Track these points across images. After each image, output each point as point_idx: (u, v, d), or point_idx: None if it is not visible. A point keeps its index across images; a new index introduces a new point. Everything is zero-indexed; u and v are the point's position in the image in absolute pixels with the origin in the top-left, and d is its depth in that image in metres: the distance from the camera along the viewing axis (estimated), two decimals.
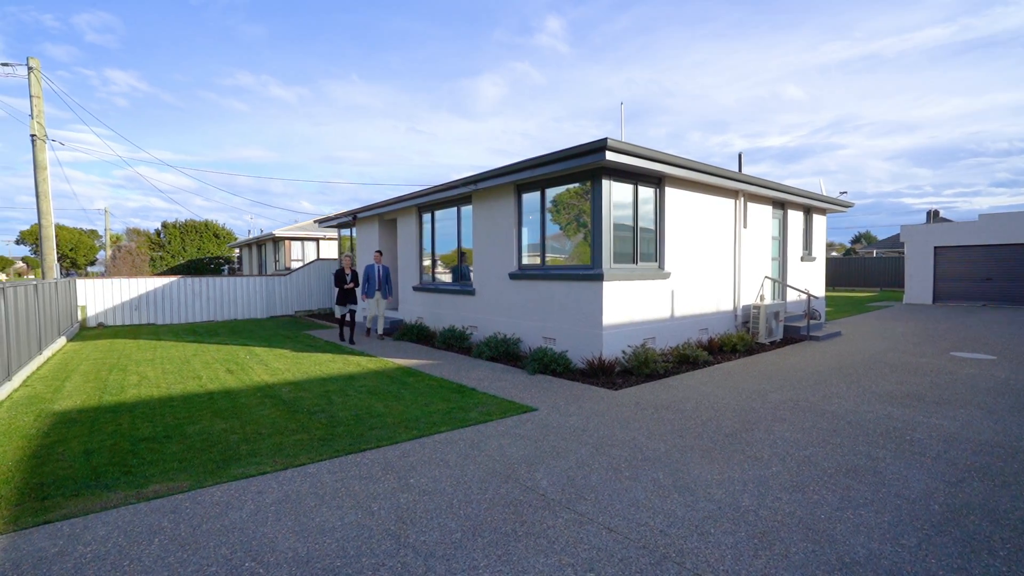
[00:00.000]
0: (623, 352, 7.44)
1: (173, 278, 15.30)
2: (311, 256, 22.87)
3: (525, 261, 9.02)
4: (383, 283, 11.05)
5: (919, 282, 19.67)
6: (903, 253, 23.65)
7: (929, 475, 3.66)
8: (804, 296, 11.06)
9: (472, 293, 10.09)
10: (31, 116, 13.02)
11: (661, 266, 8.36)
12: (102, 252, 34.95)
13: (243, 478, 3.72)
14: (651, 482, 3.57)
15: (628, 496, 3.36)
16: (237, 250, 30.46)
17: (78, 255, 35.84)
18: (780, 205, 11.33)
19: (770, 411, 5.28)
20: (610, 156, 6.84)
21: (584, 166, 7.32)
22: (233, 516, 3.13)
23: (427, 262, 12.07)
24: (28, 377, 7.25)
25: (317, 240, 22.88)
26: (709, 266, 9.23)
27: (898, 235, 20.96)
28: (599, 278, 7.31)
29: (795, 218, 11.83)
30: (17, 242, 35.85)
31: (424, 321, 11.66)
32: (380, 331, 11.26)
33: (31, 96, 13.07)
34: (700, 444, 4.32)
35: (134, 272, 27.51)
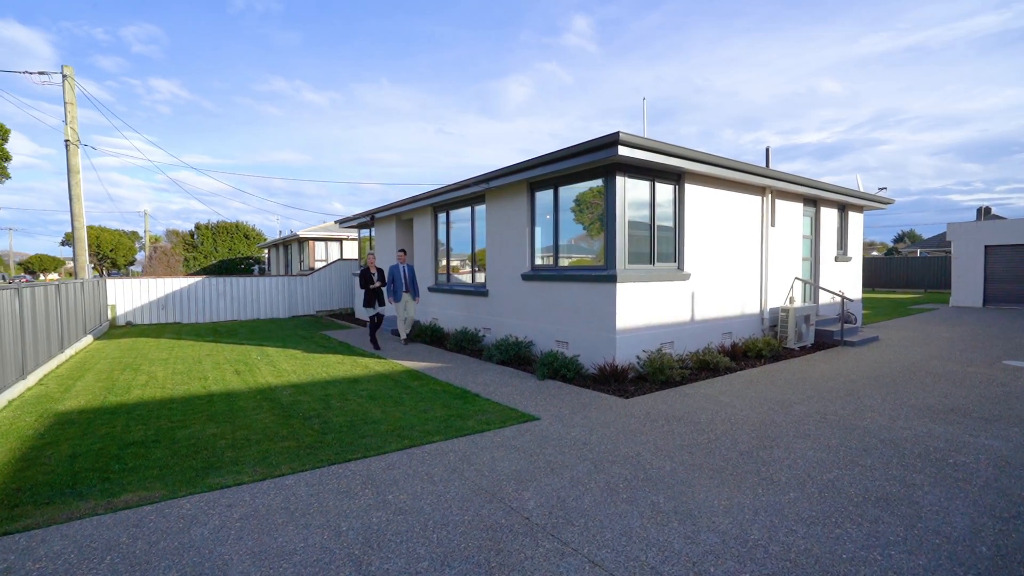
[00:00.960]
0: (637, 357, 7.05)
1: (198, 278, 15.61)
2: (335, 256, 23.10)
3: (538, 262, 8.71)
4: (410, 284, 10.33)
5: (968, 283, 18.38)
6: (950, 252, 22.22)
7: (976, 508, 3.19)
8: (838, 298, 10.37)
9: (485, 294, 9.84)
10: (64, 122, 13.47)
11: (680, 267, 7.92)
12: (141, 252, 36.33)
13: (218, 488, 3.56)
14: (650, 507, 3.22)
15: (622, 523, 3.03)
16: (266, 251, 31.13)
17: (118, 255, 37.43)
18: (812, 202, 10.66)
19: (793, 425, 4.83)
20: (623, 151, 6.47)
21: (597, 162, 6.98)
22: (195, 533, 2.95)
23: (442, 262, 11.89)
24: (45, 375, 7.38)
25: (340, 241, 23.10)
26: (733, 267, 8.72)
27: (944, 233, 19.67)
28: (612, 279, 6.95)
29: (829, 216, 11.13)
30: (62, 243, 37.70)
31: (439, 322, 11.49)
32: (404, 336, 10.46)
33: (65, 103, 13.53)
34: (710, 463, 3.93)
35: (168, 272, 28.43)
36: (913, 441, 4.37)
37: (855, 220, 12.10)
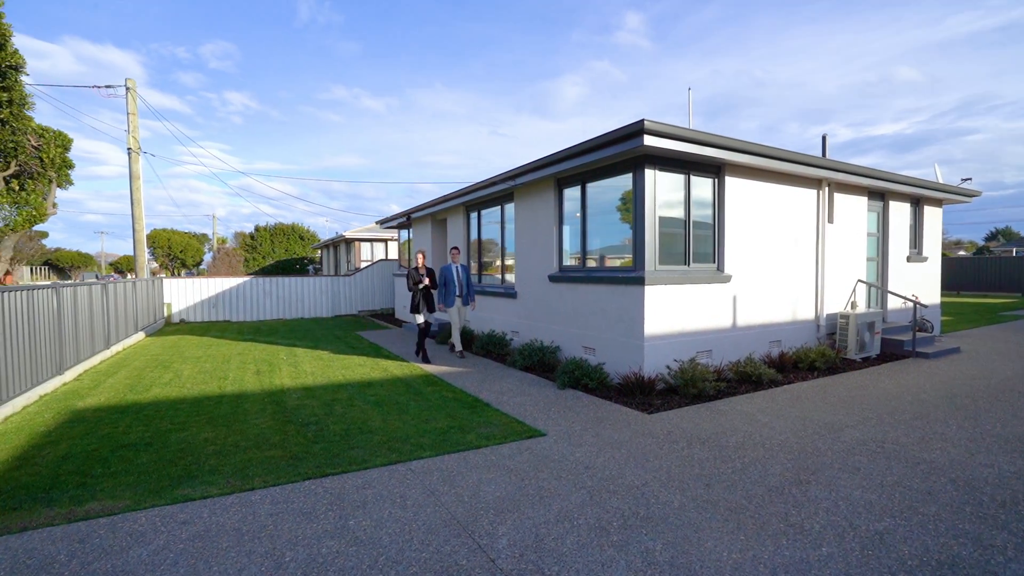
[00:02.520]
0: (667, 367, 6.41)
1: (246, 278, 16.22)
2: (380, 256, 23.48)
3: (566, 262, 8.22)
4: (465, 287, 8.97)
5: None
6: None
7: None
8: (910, 303, 9.15)
9: (514, 296, 9.45)
10: (127, 131, 14.33)
11: (720, 268, 7.17)
12: (209, 254, 38.75)
13: (183, 501, 3.37)
14: (642, 555, 2.70)
15: None
16: (319, 251, 32.27)
17: (187, 256, 40.28)
18: (879, 196, 9.48)
19: (840, 455, 4.09)
20: (650, 141, 5.88)
21: (623, 154, 6.42)
22: (133, 555, 2.74)
23: (474, 263, 11.62)
24: (84, 372, 7.71)
25: (385, 241, 23.45)
26: (782, 268, 7.84)
27: None
28: (640, 281, 6.36)
29: (899, 211, 9.87)
30: None
31: (469, 324, 11.21)
32: (459, 347, 9.01)
33: (127, 113, 14.39)
34: (729, 499, 3.33)
35: (230, 271, 30.06)
36: (995, 484, 3.55)
37: (932, 215, 10.69)
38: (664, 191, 6.64)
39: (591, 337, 7.36)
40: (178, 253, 39.70)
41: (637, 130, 5.85)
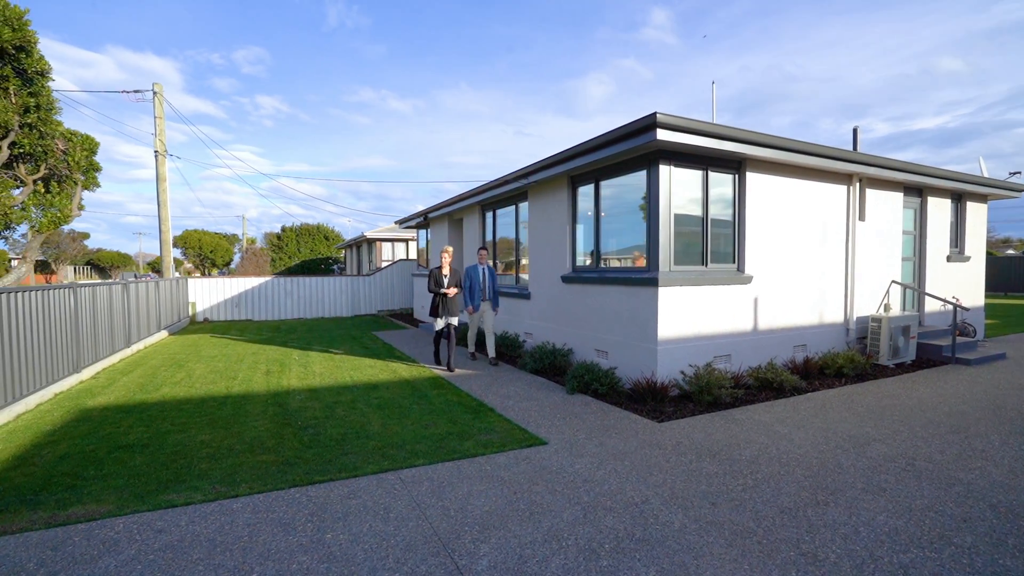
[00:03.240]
0: (682, 373, 6.10)
1: (267, 278, 16.47)
2: (401, 256, 23.59)
3: (580, 262, 7.98)
4: (490, 290, 8.40)
5: None
6: None
7: None
8: (950, 306, 8.55)
9: (528, 297, 9.24)
10: (154, 135, 14.72)
11: (740, 268, 6.82)
12: (239, 254, 39.79)
13: (165, 507, 3.29)
14: None
15: None
16: (344, 251, 32.71)
17: (216, 256, 41.50)
18: (916, 191, 8.91)
19: (864, 472, 3.75)
20: (664, 135, 5.60)
21: (636, 150, 6.15)
22: (101, 565, 2.66)
23: (489, 263, 11.46)
24: (102, 370, 7.86)
25: (406, 241, 23.54)
26: (808, 268, 7.41)
27: None
28: (653, 282, 6.07)
29: (939, 207, 9.25)
30: (172, 245, 42.51)
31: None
32: (493, 353, 8.38)
33: (155, 117, 14.78)
34: (736, 521, 3.06)
35: (257, 271, 30.75)
36: None
37: (976, 212, 10.00)
38: (680, 188, 6.33)
39: (604, 340, 7.10)
40: (208, 253, 40.95)
41: (649, 124, 5.58)
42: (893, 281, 8.44)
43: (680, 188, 6.33)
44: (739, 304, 6.75)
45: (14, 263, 9.33)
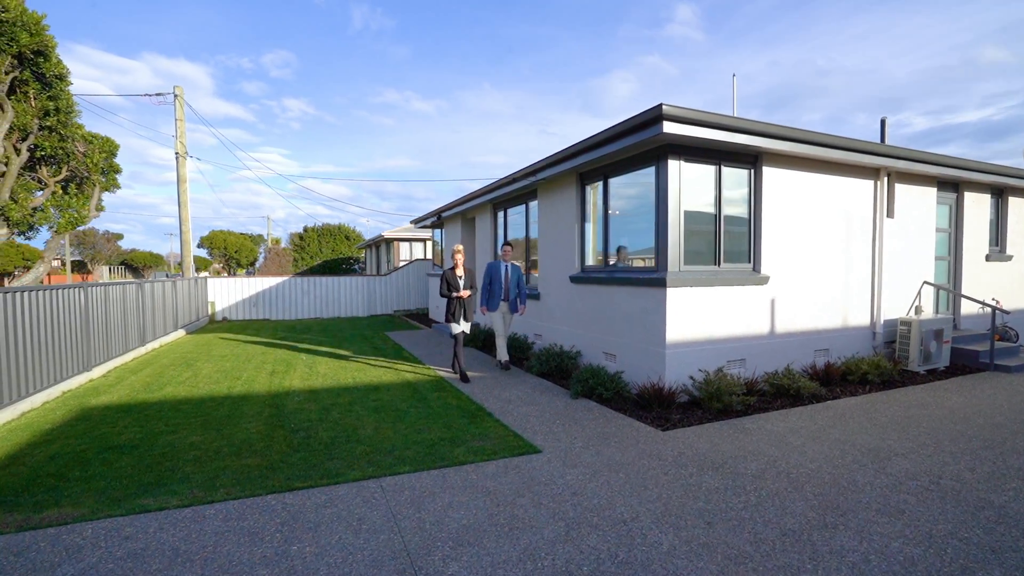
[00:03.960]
0: (691, 378, 5.81)
1: (285, 278, 16.66)
2: (418, 256, 23.64)
3: (589, 262, 7.73)
4: (514, 290, 7.70)
5: None
6: None
7: None
8: (988, 308, 7.98)
9: (537, 297, 9.04)
10: (175, 136, 15.03)
11: (756, 268, 6.47)
12: (263, 254, 40.60)
13: (138, 512, 3.22)
14: None
15: None
16: (364, 251, 33.03)
17: (241, 256, 42.52)
18: (951, 186, 8.36)
19: (881, 492, 3.43)
20: (671, 128, 5.33)
21: (643, 144, 5.91)
22: (59, 573, 2.57)
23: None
24: (113, 369, 7.98)
25: (423, 241, 23.57)
26: (830, 268, 7.00)
27: None
28: (661, 283, 5.80)
29: (977, 203, 8.67)
30: (198, 245, 43.77)
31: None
32: (506, 357, 7.82)
33: (175, 119, 15.10)
34: (731, 544, 2.80)
35: (280, 271, 31.30)
36: None
37: (1019, 208, 9.34)
38: (691, 184, 6.04)
39: (612, 343, 6.85)
40: (233, 253, 41.98)
41: (655, 116, 5.31)
42: (925, 282, 7.93)
43: (691, 184, 6.04)
44: (755, 306, 6.41)
45: (39, 263, 9.58)
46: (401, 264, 22.74)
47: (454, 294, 7.10)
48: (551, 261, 8.53)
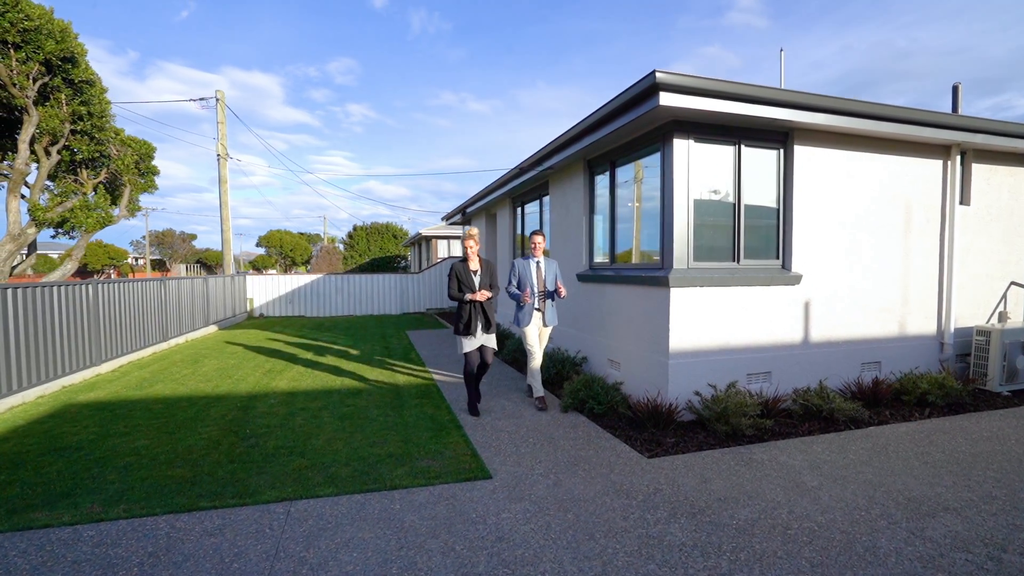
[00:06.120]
0: (696, 393, 4.96)
1: (319, 275, 16.90)
2: (456, 253, 23.48)
3: (597, 259, 7.00)
4: (548, 295, 5.61)
5: None
6: None
7: None
8: None
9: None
10: (216, 139, 15.59)
11: (786, 265, 5.51)
12: (316, 253, 42.25)
13: (22, 529, 2.94)
14: None
15: None
16: (409, 248, 33.47)
17: (296, 255, 44.51)
18: None
19: (911, 566, 2.54)
20: (670, 101, 4.55)
21: (646, 123, 5.18)
22: None
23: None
24: (125, 363, 8.13)
25: (461, 239, 23.39)
26: (883, 265, 5.87)
27: None
28: (663, 282, 5.02)
29: None
30: (257, 245, 46.31)
31: (504, 327, 10.36)
32: (540, 391, 5.61)
33: (217, 123, 15.66)
34: None
35: (331, 268, 32.31)
36: None
37: None
38: (703, 167, 5.19)
39: (616, 349, 6.10)
40: (288, 252, 44.04)
41: (648, 87, 4.54)
42: (1013, 283, 6.53)
43: (703, 167, 5.19)
44: (784, 309, 5.45)
45: (67, 261, 10.13)
46: (437, 261, 22.66)
47: (467, 296, 5.18)
48: (561, 259, 7.85)
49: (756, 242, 5.50)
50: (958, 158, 6.04)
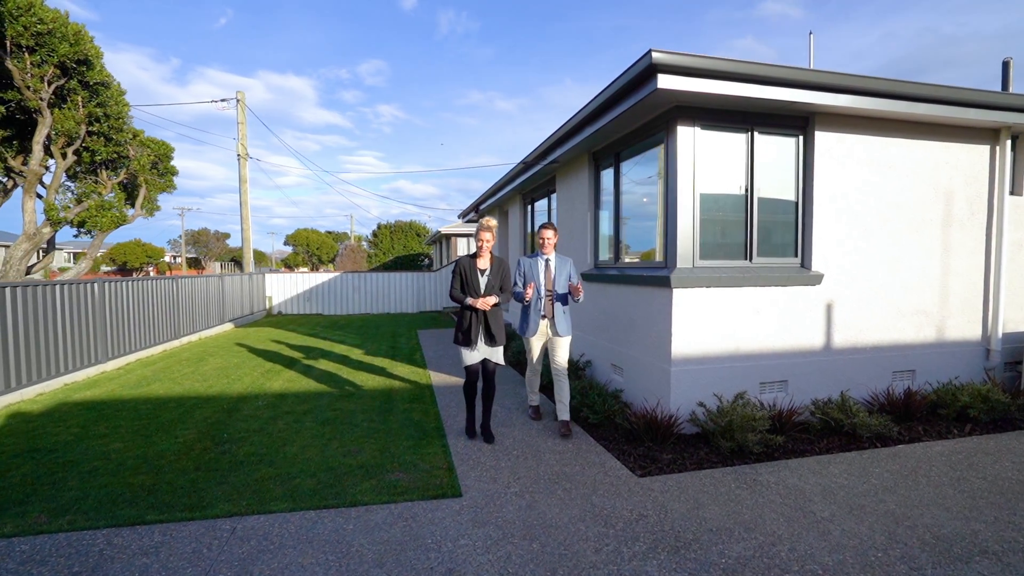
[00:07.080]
0: (699, 404, 4.53)
1: (337, 274, 16.96)
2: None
3: (603, 257, 6.61)
4: (557, 297, 4.74)
5: None
6: None
7: None
8: None
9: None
10: (236, 139, 15.80)
11: (805, 263, 5.01)
12: (341, 251, 42.88)
13: None
14: None
15: None
16: (432, 246, 33.55)
17: (322, 253, 45.29)
18: None
19: None
20: (670, 83, 4.14)
21: (647, 110, 4.79)
22: None
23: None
24: (133, 361, 8.19)
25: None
26: (918, 263, 5.28)
27: None
28: (665, 282, 4.61)
29: None
30: (284, 243, 47.40)
31: (512, 327, 10.03)
32: (535, 400, 5.19)
33: (238, 123, 15.86)
34: None
35: (355, 266, 32.67)
36: None
37: None
38: (711, 156, 4.75)
39: (619, 354, 5.71)
40: (315, 250, 44.86)
41: (645, 70, 4.14)
42: None
43: (711, 156, 4.75)
44: (802, 312, 4.95)
45: (82, 260, 10.42)
46: (454, 259, 22.49)
47: (467, 300, 4.35)
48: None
49: (771, 238, 5.02)
50: (1008, 143, 5.38)
